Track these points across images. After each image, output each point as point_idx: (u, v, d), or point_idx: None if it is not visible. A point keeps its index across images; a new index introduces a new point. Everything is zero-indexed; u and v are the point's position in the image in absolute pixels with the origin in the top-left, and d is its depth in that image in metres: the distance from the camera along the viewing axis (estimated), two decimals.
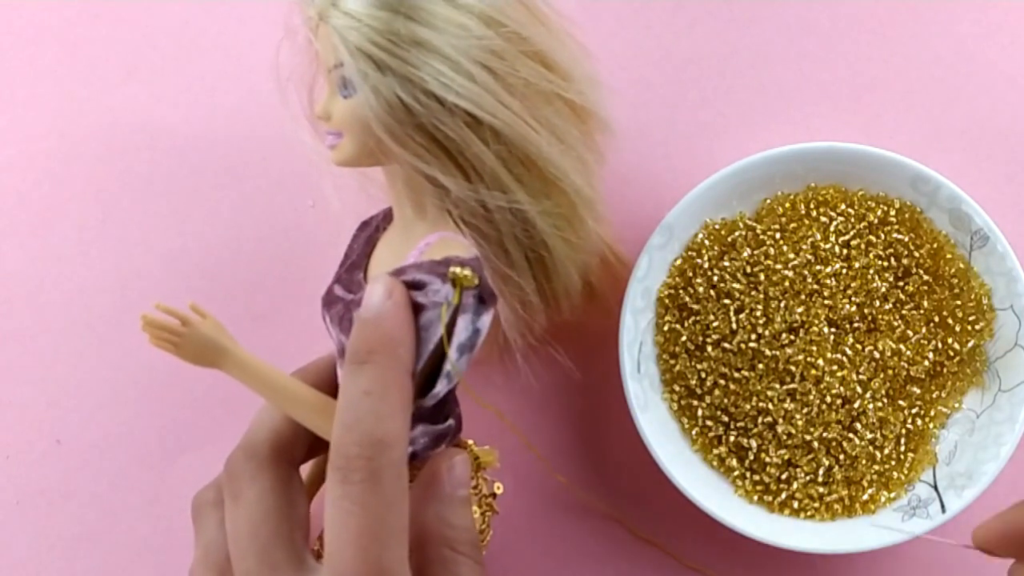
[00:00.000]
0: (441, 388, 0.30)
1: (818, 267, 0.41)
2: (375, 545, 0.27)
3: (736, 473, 0.41)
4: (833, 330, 0.41)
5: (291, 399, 0.31)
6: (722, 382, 0.40)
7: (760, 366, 0.40)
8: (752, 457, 0.40)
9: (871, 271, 0.41)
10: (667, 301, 0.42)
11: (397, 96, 0.30)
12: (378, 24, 0.30)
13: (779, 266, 0.41)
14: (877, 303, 0.41)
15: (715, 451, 0.41)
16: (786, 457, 0.40)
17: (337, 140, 0.32)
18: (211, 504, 0.33)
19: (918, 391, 0.41)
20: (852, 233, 0.41)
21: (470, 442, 0.36)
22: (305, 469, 0.35)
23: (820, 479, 0.40)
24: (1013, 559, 0.32)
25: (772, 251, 0.41)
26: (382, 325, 0.29)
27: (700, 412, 0.41)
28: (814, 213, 0.41)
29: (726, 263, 0.41)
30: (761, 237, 0.41)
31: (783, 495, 0.40)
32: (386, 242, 0.35)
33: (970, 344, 0.41)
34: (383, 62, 0.30)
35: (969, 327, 0.41)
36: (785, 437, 0.40)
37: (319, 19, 0.32)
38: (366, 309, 0.29)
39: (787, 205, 0.42)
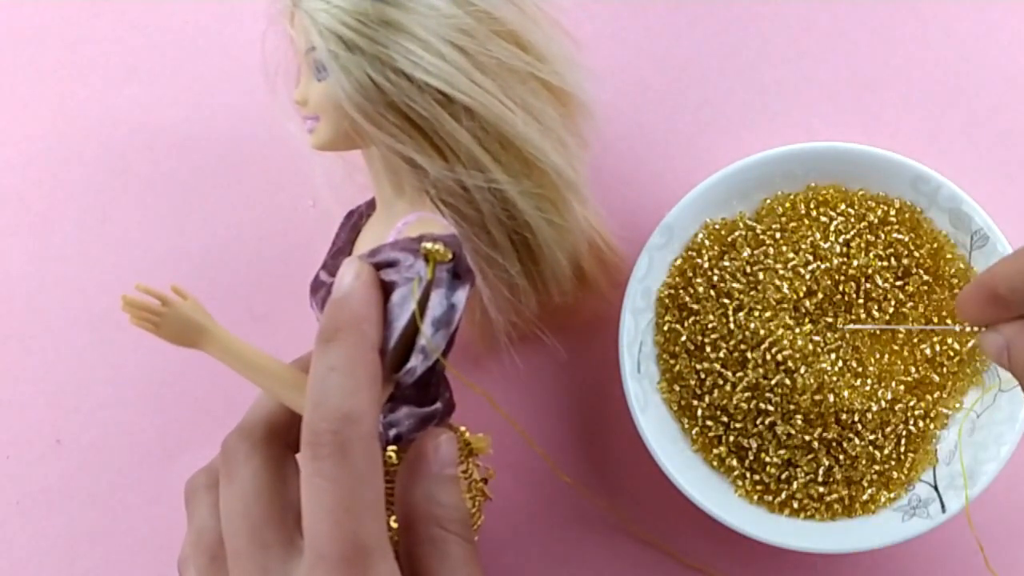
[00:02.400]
0: (416, 363, 0.31)
1: (818, 267, 0.41)
2: (349, 519, 0.27)
3: (736, 473, 0.41)
4: (833, 331, 0.41)
5: (272, 378, 0.32)
6: (721, 382, 0.40)
7: (760, 366, 0.40)
8: (752, 457, 0.40)
9: (871, 271, 0.41)
10: (667, 301, 0.42)
11: (367, 75, 0.31)
12: (347, 5, 0.31)
13: (779, 266, 0.41)
14: (877, 303, 0.41)
15: (715, 451, 0.41)
16: (786, 457, 0.40)
17: (314, 124, 0.33)
18: (204, 488, 0.33)
19: (918, 391, 0.41)
20: (852, 233, 0.41)
21: (462, 428, 0.36)
22: None
23: (820, 479, 0.40)
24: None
25: (772, 251, 0.41)
26: (348, 304, 0.30)
27: (700, 412, 0.41)
28: (814, 213, 0.41)
29: (726, 263, 0.41)
30: (761, 237, 0.41)
31: (783, 495, 0.40)
32: (369, 227, 0.35)
33: (970, 344, 0.41)
34: (352, 42, 0.30)
35: (969, 327, 0.41)
36: (785, 437, 0.40)
37: (293, 5, 0.32)
38: (336, 291, 0.30)
39: (787, 205, 0.42)
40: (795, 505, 0.40)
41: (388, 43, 0.31)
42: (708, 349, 0.41)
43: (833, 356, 0.40)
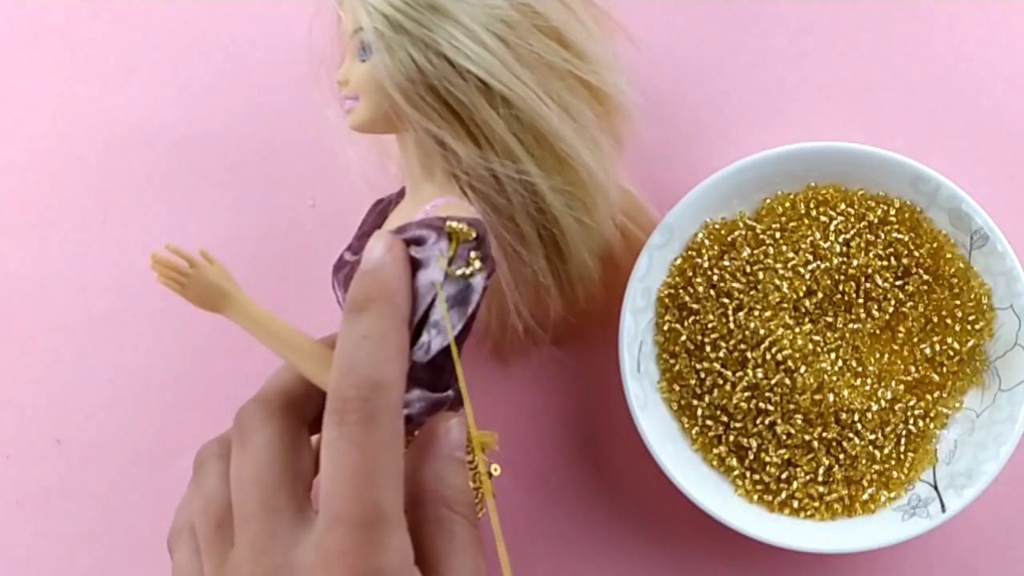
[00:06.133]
0: (429, 338, 0.31)
1: (818, 266, 0.41)
2: (370, 485, 0.27)
3: (736, 473, 0.41)
4: (833, 330, 0.41)
5: (292, 347, 0.32)
6: (721, 381, 0.40)
7: (760, 365, 0.40)
8: (752, 457, 0.40)
9: (871, 271, 0.41)
10: (667, 301, 0.42)
11: (411, 56, 0.31)
12: None
13: (779, 266, 0.41)
14: (877, 303, 0.41)
15: (715, 451, 0.41)
16: (786, 457, 0.40)
17: (354, 104, 0.33)
18: (216, 457, 0.33)
19: (918, 391, 0.41)
20: (852, 233, 0.41)
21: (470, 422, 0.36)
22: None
23: (820, 479, 0.40)
24: None
25: (772, 251, 0.41)
26: (381, 276, 0.30)
27: (700, 412, 0.41)
28: (814, 213, 0.41)
29: (726, 263, 0.41)
30: (761, 237, 0.41)
31: (783, 495, 0.40)
32: (397, 212, 0.36)
33: (970, 344, 0.41)
34: (399, 23, 0.31)
35: (969, 327, 0.41)
36: (785, 437, 0.40)
37: None
38: (366, 263, 0.30)
39: (787, 205, 0.42)
40: (795, 505, 0.40)
41: (433, 27, 0.31)
42: (708, 349, 0.41)
43: (833, 356, 0.40)
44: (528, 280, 0.36)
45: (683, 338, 0.41)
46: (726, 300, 0.41)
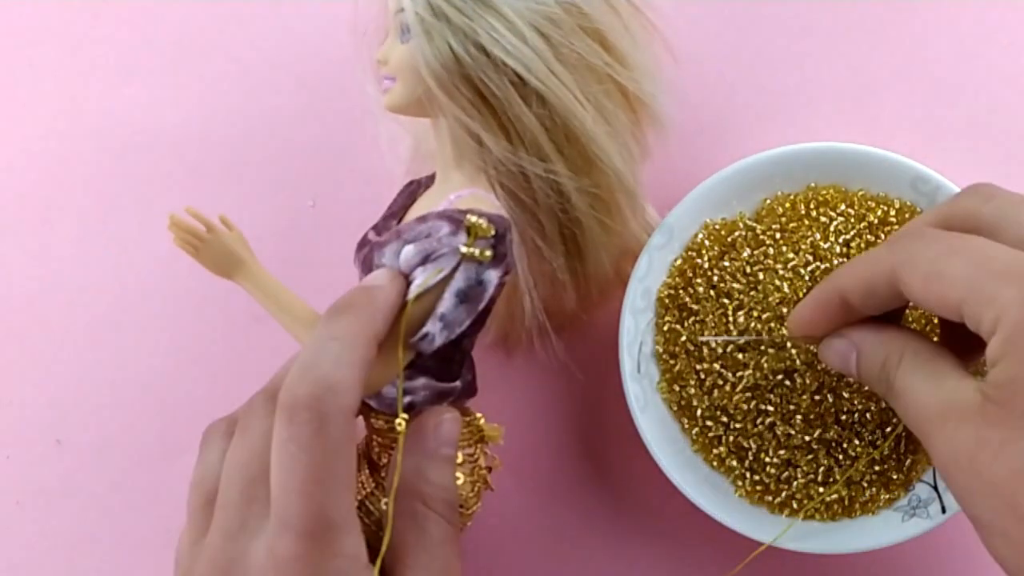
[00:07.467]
0: (432, 329, 0.31)
1: (818, 267, 0.41)
2: (319, 491, 0.27)
3: (736, 473, 0.41)
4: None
5: (299, 320, 0.33)
6: (721, 382, 0.40)
7: (760, 366, 0.40)
8: (752, 457, 0.40)
9: None
10: (667, 301, 0.42)
11: (448, 44, 0.31)
12: None
13: (779, 266, 0.41)
14: None
15: (715, 451, 0.41)
16: (786, 457, 0.40)
17: (391, 84, 0.34)
18: (221, 435, 0.33)
19: None
20: (852, 233, 0.41)
21: (479, 415, 0.36)
22: None
23: (820, 479, 0.40)
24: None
25: (772, 251, 0.41)
26: (372, 293, 0.30)
27: (700, 412, 0.41)
28: (814, 213, 0.41)
29: (726, 263, 0.41)
30: (761, 237, 0.41)
31: (783, 495, 0.40)
32: (424, 197, 0.36)
33: None
34: (440, 10, 0.31)
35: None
36: (785, 437, 0.40)
37: None
38: (365, 280, 0.31)
39: (787, 205, 0.42)
40: (795, 505, 0.40)
41: (474, 17, 0.31)
42: (708, 349, 0.41)
43: None
44: (546, 275, 0.36)
45: (683, 339, 0.41)
46: (726, 301, 0.41)
